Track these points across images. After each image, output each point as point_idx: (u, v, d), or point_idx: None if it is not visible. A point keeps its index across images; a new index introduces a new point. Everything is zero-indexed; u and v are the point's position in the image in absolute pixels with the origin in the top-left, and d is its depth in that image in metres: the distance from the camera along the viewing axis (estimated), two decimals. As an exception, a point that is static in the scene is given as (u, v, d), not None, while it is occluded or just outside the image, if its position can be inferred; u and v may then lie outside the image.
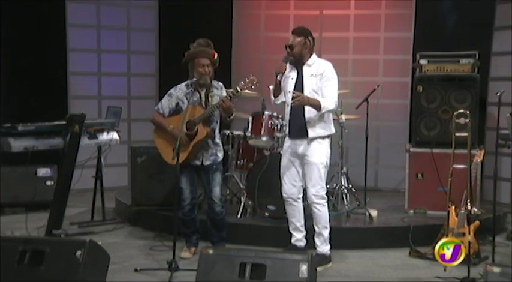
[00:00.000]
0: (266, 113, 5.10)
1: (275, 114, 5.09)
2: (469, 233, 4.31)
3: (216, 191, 4.44)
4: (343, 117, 5.37)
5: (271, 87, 4.37)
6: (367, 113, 5.48)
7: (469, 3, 6.19)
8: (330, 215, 4.42)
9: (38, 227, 4.92)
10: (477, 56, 5.43)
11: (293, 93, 4.18)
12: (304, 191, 4.42)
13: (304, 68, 4.30)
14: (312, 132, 4.27)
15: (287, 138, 4.44)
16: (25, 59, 6.46)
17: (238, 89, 4.27)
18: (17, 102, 6.40)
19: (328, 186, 5.43)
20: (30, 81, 6.50)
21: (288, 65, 4.31)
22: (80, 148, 4.79)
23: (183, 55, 4.45)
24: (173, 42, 6.66)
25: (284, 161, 4.42)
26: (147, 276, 4.08)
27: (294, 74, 4.33)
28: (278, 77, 4.23)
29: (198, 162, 4.44)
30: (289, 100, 4.28)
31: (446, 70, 5.48)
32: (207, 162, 4.43)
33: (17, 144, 4.56)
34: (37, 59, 6.51)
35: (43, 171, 5.97)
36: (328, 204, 4.41)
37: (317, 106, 4.17)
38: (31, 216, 4.95)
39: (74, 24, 6.85)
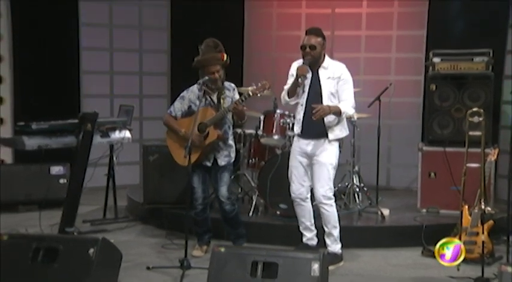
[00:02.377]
0: (278, 111, 5.11)
1: (287, 112, 5.09)
2: (483, 233, 4.27)
3: (223, 190, 4.45)
4: (355, 115, 5.34)
5: (286, 87, 4.35)
6: (379, 112, 5.46)
7: (483, 0, 6.14)
8: (339, 214, 4.41)
9: (51, 224, 4.98)
10: (491, 54, 5.41)
11: (313, 107, 4.15)
12: (312, 191, 4.41)
13: (320, 70, 4.28)
14: (331, 135, 4.28)
15: (296, 137, 4.43)
16: (38, 57, 6.54)
17: (251, 94, 4.28)
18: (30, 100, 6.48)
19: (340, 184, 5.47)
20: (43, 79, 6.57)
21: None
22: (93, 146, 4.85)
23: (193, 59, 4.44)
24: (185, 41, 6.68)
25: (293, 161, 4.42)
26: (159, 274, 4.10)
27: (308, 75, 4.29)
28: (300, 80, 4.20)
29: (208, 164, 4.46)
30: (304, 101, 4.28)
31: (460, 68, 5.46)
32: (222, 163, 4.45)
33: (31, 143, 4.64)
34: (50, 57, 6.59)
35: (56, 169, 6.02)
36: (337, 203, 4.42)
37: (338, 113, 4.19)
38: (44, 214, 5.01)
39: (87, 23, 6.92)
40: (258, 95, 4.33)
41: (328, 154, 4.27)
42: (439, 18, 6.51)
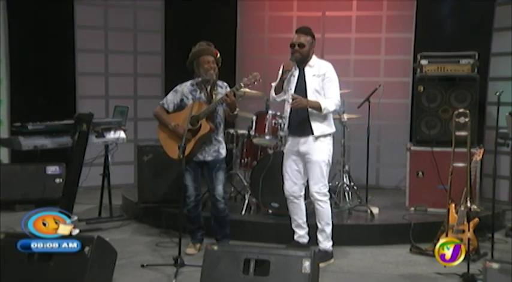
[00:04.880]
0: (270, 112, 5.13)
1: (278, 113, 5.11)
2: (469, 230, 4.34)
3: (219, 189, 4.51)
4: (345, 116, 5.42)
5: (273, 84, 4.42)
6: (368, 113, 5.54)
7: (469, 4, 6.27)
8: (332, 212, 4.48)
9: (47, 223, 5.02)
10: (477, 57, 5.50)
11: (292, 96, 4.24)
12: (306, 188, 4.47)
13: (306, 68, 4.36)
14: (317, 131, 4.33)
15: (288, 136, 4.49)
16: (34, 59, 6.58)
17: (242, 85, 4.34)
18: (27, 101, 6.51)
19: (330, 184, 5.46)
20: (39, 81, 6.61)
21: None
22: (88, 146, 4.89)
23: (187, 56, 4.54)
24: (179, 43, 6.75)
25: (286, 159, 4.48)
26: (153, 272, 4.15)
27: (295, 73, 4.37)
28: (284, 74, 4.27)
29: (201, 158, 4.51)
30: (290, 98, 4.35)
31: (447, 70, 5.54)
32: (209, 158, 4.50)
33: (27, 143, 4.65)
34: (46, 59, 6.61)
35: (52, 169, 6.04)
36: (330, 201, 4.47)
37: (317, 108, 4.24)
38: (41, 213, 5.05)
39: (82, 25, 6.95)
40: (249, 85, 4.38)
41: (320, 151, 4.33)
42: (427, 22, 6.60)
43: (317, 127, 4.33)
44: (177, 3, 7.15)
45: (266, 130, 5.12)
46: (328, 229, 4.41)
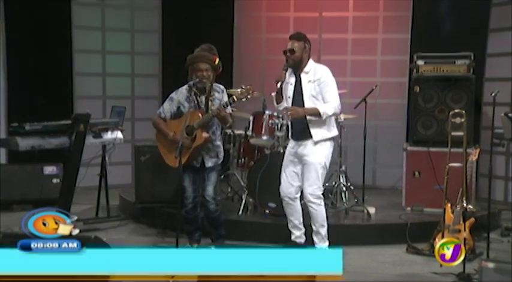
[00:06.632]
0: (267, 112, 5.16)
1: (275, 113, 5.14)
2: (465, 230, 4.39)
3: (209, 189, 4.48)
4: (342, 116, 5.41)
5: (273, 94, 4.45)
6: (365, 113, 5.56)
7: (465, 5, 6.31)
8: (327, 213, 4.48)
9: (45, 223, 5.02)
10: (472, 57, 5.53)
11: (286, 109, 4.28)
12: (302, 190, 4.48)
13: (302, 74, 4.37)
14: (316, 136, 4.35)
15: (291, 139, 4.52)
16: (32, 60, 6.57)
17: (235, 99, 4.30)
18: (24, 102, 6.51)
19: (327, 184, 5.48)
20: (36, 81, 6.61)
21: (288, 71, 4.39)
22: (85, 147, 4.89)
23: (185, 59, 4.51)
24: (176, 43, 6.78)
25: (285, 161, 4.50)
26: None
27: (292, 80, 4.40)
28: (278, 85, 4.30)
29: (197, 164, 4.50)
30: (289, 105, 4.38)
31: (443, 71, 5.58)
32: (208, 164, 4.50)
33: (25, 143, 4.66)
34: (44, 60, 6.61)
35: (49, 169, 6.04)
36: (325, 202, 4.49)
37: (316, 114, 4.27)
38: (38, 213, 5.06)
39: (79, 25, 6.95)
40: (243, 99, 4.35)
41: (317, 154, 4.34)
42: (423, 22, 6.62)
43: (316, 132, 4.35)
44: (174, 3, 7.15)
45: (263, 130, 5.15)
46: (323, 231, 4.42)
